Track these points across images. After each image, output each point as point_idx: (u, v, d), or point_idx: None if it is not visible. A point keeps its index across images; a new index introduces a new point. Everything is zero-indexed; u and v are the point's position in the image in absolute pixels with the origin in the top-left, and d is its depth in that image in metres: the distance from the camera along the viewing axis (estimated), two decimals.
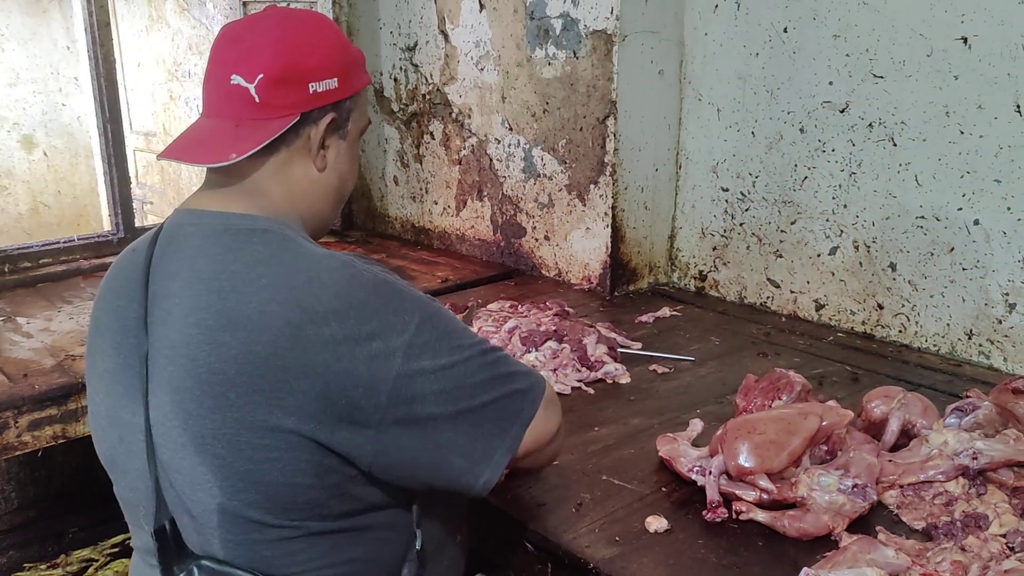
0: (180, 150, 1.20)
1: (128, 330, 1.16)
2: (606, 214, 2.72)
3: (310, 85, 1.17)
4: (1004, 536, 1.31)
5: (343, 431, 1.07)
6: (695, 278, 2.88)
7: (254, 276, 1.09)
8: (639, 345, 2.26)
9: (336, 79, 1.19)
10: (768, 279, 2.66)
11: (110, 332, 1.20)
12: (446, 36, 3.19)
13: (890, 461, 1.53)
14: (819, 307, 2.53)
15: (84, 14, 3.10)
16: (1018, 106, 2.01)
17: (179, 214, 1.21)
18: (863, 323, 2.43)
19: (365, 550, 1.18)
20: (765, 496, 1.42)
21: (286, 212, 1.21)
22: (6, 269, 2.97)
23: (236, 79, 1.14)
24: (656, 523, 1.40)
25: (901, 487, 1.48)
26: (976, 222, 2.14)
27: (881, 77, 2.26)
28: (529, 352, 2.08)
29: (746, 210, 2.67)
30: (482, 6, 2.99)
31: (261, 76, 1.14)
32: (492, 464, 1.15)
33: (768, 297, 2.67)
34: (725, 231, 2.75)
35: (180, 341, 1.09)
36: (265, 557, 1.12)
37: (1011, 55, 2.01)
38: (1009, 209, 2.07)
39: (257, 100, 1.14)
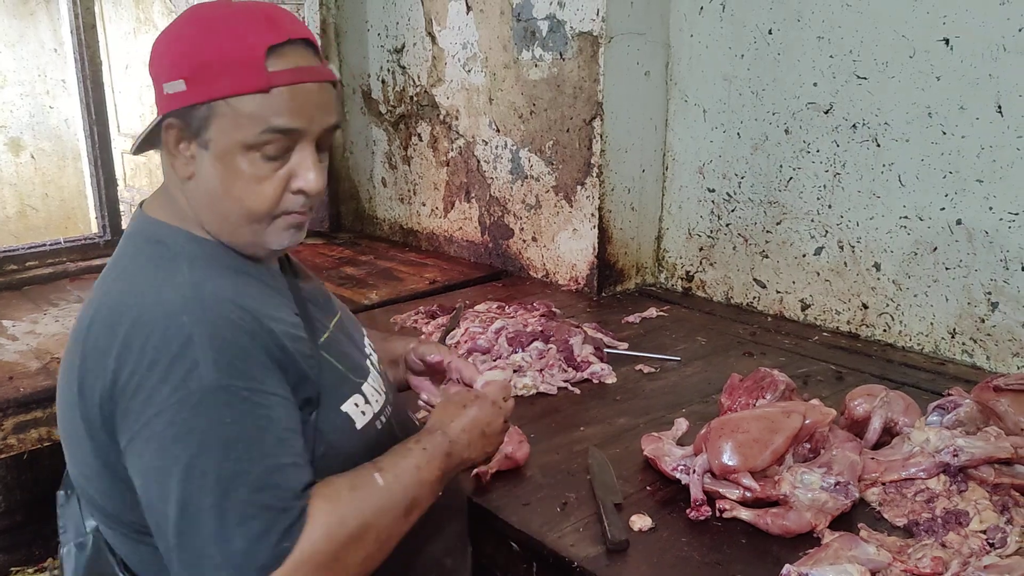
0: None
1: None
2: (593, 215, 2.73)
3: (164, 86, 1.06)
4: (984, 532, 1.33)
5: (123, 468, 1.03)
6: (682, 278, 2.89)
7: (106, 289, 1.09)
8: (626, 345, 2.27)
9: (182, 81, 1.05)
10: (754, 279, 2.67)
11: None
12: (433, 38, 3.19)
13: (872, 459, 1.54)
14: (805, 307, 2.55)
15: (70, 16, 3.10)
16: (999, 107, 2.03)
17: (135, 211, 1.22)
18: (848, 322, 2.44)
19: None
20: (748, 494, 1.43)
21: (193, 218, 1.14)
22: None
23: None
24: (640, 521, 1.41)
25: (883, 484, 1.49)
26: (959, 222, 2.16)
27: (864, 78, 2.27)
28: (516, 352, 2.08)
29: (732, 211, 2.69)
30: (469, 8, 3.00)
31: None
32: None
33: (754, 297, 2.68)
34: (711, 232, 2.77)
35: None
36: (126, 554, 1.13)
37: (992, 56, 2.02)
38: (991, 209, 2.09)
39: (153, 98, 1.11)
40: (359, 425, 1.16)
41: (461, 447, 1.19)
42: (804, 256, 2.52)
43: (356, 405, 1.16)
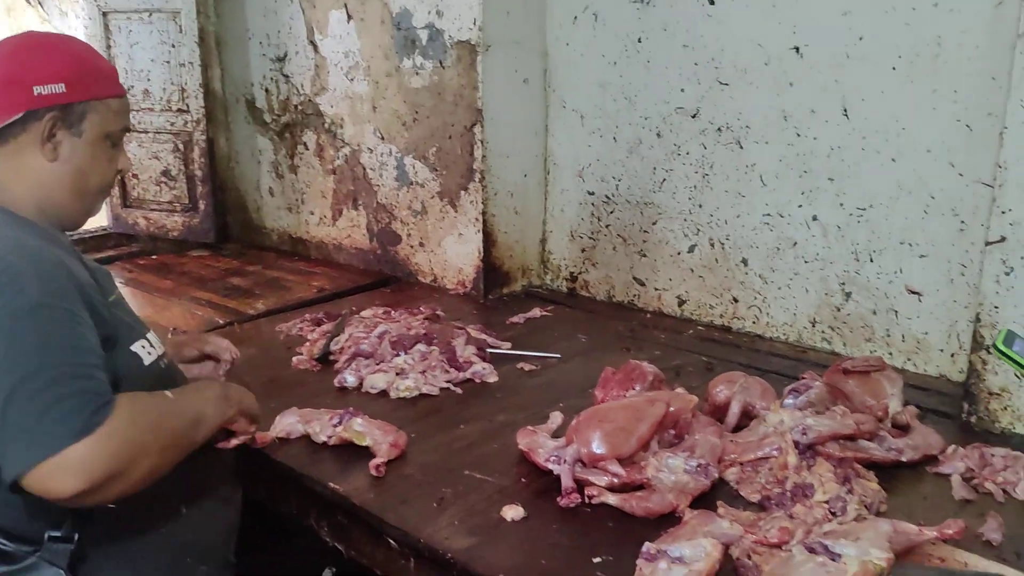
0: None
1: None
2: (477, 219, 2.78)
3: (35, 88, 1.35)
4: (827, 502, 1.43)
5: None
6: (566, 279, 2.98)
7: None
8: (508, 345, 2.32)
9: (63, 84, 1.37)
10: (634, 278, 2.78)
11: None
12: (315, 47, 3.19)
13: (732, 441, 1.64)
14: (681, 303, 2.66)
15: None
16: (845, 110, 2.18)
17: None
18: (721, 316, 2.57)
19: (28, 501, 1.24)
20: (616, 480, 1.50)
21: (21, 199, 1.39)
22: None
23: None
24: (512, 512, 1.46)
25: (741, 464, 1.58)
26: (815, 218, 2.30)
27: (726, 84, 2.40)
28: (399, 355, 2.11)
29: (611, 212, 2.79)
30: (350, 17, 3.01)
31: None
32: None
33: (635, 295, 2.79)
34: (593, 233, 2.86)
35: None
36: None
37: (838, 63, 2.17)
38: (842, 205, 2.24)
39: None
40: (146, 362, 1.42)
41: (231, 391, 1.51)
42: (679, 254, 2.64)
43: (143, 347, 1.43)
